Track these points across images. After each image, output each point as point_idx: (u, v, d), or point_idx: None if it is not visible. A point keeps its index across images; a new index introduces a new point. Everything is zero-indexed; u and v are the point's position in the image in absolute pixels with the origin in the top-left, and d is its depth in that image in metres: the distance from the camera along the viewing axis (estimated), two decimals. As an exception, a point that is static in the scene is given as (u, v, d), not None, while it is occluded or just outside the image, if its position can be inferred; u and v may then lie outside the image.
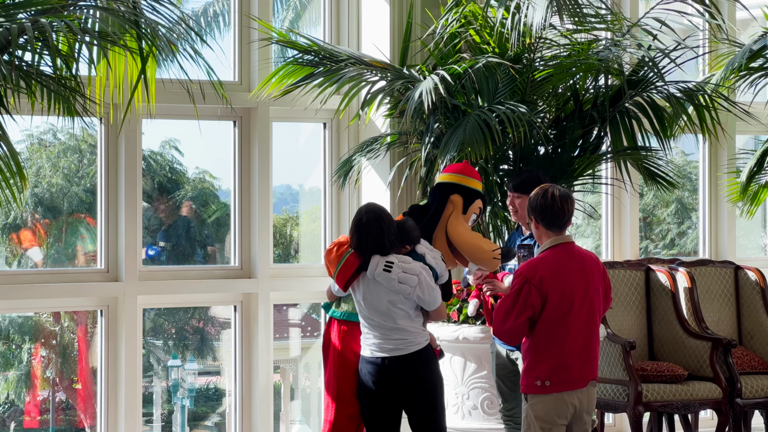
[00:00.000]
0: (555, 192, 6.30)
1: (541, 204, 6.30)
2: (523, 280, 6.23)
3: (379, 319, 6.67)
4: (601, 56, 8.10)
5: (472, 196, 7.21)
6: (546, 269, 6.23)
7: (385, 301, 6.64)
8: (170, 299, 8.81)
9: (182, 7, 6.94)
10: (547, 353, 6.25)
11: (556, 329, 6.23)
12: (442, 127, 8.13)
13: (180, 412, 9.21)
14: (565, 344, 6.23)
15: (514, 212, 7.28)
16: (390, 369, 6.68)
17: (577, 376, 6.27)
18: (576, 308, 6.24)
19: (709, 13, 8.46)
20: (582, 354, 6.28)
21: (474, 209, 7.20)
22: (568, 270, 6.26)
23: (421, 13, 8.84)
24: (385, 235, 6.63)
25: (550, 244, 6.32)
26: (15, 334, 8.72)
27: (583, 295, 6.26)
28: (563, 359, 6.23)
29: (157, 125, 8.58)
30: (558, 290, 6.21)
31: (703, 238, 10.58)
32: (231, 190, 8.91)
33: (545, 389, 6.23)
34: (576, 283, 6.25)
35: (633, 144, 8.46)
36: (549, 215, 6.29)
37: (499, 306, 6.35)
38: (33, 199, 8.57)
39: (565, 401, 6.26)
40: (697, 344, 8.77)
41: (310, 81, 8.17)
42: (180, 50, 6.32)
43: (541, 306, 6.23)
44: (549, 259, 6.27)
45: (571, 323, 6.23)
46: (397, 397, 6.73)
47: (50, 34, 5.78)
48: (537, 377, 6.26)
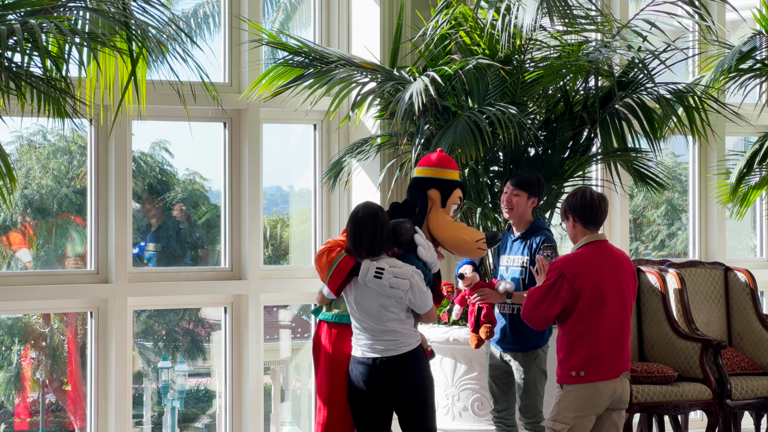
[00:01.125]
0: (593, 193, 6.61)
1: (580, 203, 6.58)
2: (558, 274, 6.50)
3: (371, 322, 6.66)
4: (591, 58, 8.11)
5: (450, 187, 7.18)
6: (580, 265, 6.51)
7: (376, 304, 6.63)
8: (160, 301, 8.80)
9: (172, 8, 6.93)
10: (582, 345, 6.51)
11: (590, 322, 6.49)
12: (432, 128, 8.13)
13: (170, 413, 9.20)
14: (598, 336, 6.49)
15: (509, 209, 7.26)
16: (381, 369, 6.68)
17: (609, 367, 6.53)
18: (609, 302, 6.51)
19: (698, 15, 8.47)
20: (615, 345, 6.54)
21: (453, 200, 7.17)
22: (601, 265, 6.54)
23: (411, 15, 8.84)
24: (378, 233, 6.63)
25: (585, 241, 6.61)
26: (4, 336, 8.70)
27: (615, 289, 6.54)
28: (597, 350, 6.49)
29: (147, 126, 8.57)
30: (591, 284, 6.48)
31: (692, 240, 10.59)
32: (221, 192, 8.90)
33: (580, 379, 6.50)
34: (609, 278, 6.53)
35: (623, 145, 8.47)
36: (588, 214, 6.58)
37: (532, 293, 6.58)
38: (23, 200, 8.55)
39: (599, 390, 6.52)
40: (687, 345, 8.77)
41: (300, 82, 8.16)
42: (170, 51, 6.32)
43: (573, 300, 6.49)
44: (584, 255, 6.56)
45: (604, 316, 6.50)
46: (387, 397, 6.73)
47: (40, 35, 5.78)
48: (572, 368, 6.51)
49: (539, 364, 7.20)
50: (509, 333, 7.23)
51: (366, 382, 6.72)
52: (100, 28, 6.31)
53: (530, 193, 7.23)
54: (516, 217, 7.27)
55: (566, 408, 6.54)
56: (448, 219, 7.14)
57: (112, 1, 6.37)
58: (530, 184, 7.23)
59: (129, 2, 6.43)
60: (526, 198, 7.24)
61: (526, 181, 7.23)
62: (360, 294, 6.66)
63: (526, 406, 7.22)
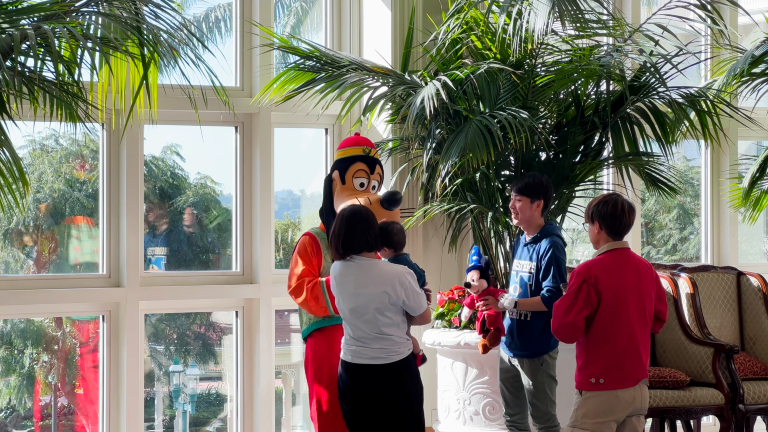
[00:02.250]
0: (624, 203, 6.59)
1: (611, 213, 6.57)
2: (581, 280, 6.49)
3: (366, 328, 6.61)
4: (603, 62, 8.10)
5: (346, 163, 7.25)
6: (601, 270, 6.51)
7: (372, 309, 6.58)
8: (172, 305, 8.81)
9: (184, 12, 6.95)
10: (602, 352, 6.50)
11: (610, 329, 6.49)
12: (443, 132, 8.13)
13: (182, 417, 9.20)
14: (618, 343, 6.49)
15: (515, 215, 7.26)
16: (369, 377, 6.62)
17: (630, 374, 6.53)
18: (629, 309, 6.50)
19: (711, 19, 8.45)
20: (635, 353, 6.54)
21: (352, 173, 7.20)
22: (622, 273, 6.54)
23: (422, 19, 8.85)
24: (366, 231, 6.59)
25: (607, 248, 6.61)
26: (17, 339, 8.72)
27: (636, 297, 6.54)
28: (617, 358, 6.49)
29: (158, 130, 8.59)
30: (612, 291, 6.48)
31: (705, 244, 10.57)
32: (233, 196, 8.91)
33: (599, 386, 6.50)
34: (630, 285, 6.53)
35: (635, 150, 8.45)
36: (617, 225, 6.58)
37: (558, 303, 6.56)
38: (35, 204, 8.57)
39: (618, 398, 6.52)
40: (700, 350, 8.76)
41: (311, 87, 8.17)
42: (182, 56, 6.33)
43: (597, 305, 6.49)
44: (605, 261, 6.56)
45: (624, 323, 6.50)
46: (375, 403, 6.66)
47: (52, 40, 5.79)
48: (591, 374, 6.51)
49: (547, 369, 7.18)
50: (516, 338, 7.22)
51: (354, 387, 6.67)
52: (113, 33, 6.32)
53: (533, 197, 7.20)
54: (524, 222, 7.25)
55: (585, 414, 6.53)
56: (346, 193, 7.16)
57: (124, 6, 6.38)
58: (531, 189, 7.20)
59: (141, 7, 6.44)
60: (529, 203, 7.20)
61: (527, 186, 7.21)
62: (355, 301, 6.62)
63: (537, 411, 7.21)
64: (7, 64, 5.92)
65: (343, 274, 6.66)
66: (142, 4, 6.43)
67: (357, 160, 7.25)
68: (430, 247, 8.91)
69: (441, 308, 8.33)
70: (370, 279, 6.58)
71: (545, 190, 7.23)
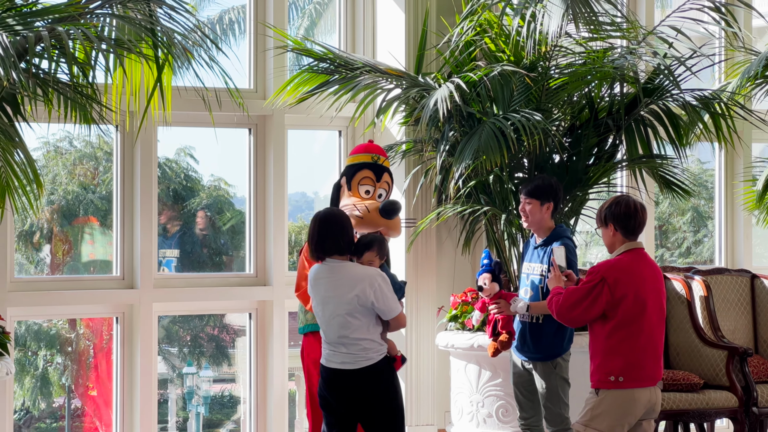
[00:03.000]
0: (636, 202, 6.58)
1: (624, 213, 6.55)
2: (599, 278, 6.47)
3: (335, 331, 6.54)
4: (617, 64, 8.08)
5: (352, 170, 7.25)
6: (622, 272, 6.48)
7: (342, 312, 6.51)
8: (185, 306, 8.82)
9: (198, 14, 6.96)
10: (622, 350, 6.48)
11: (631, 328, 6.47)
12: (457, 135, 8.13)
13: (195, 419, 9.22)
14: (639, 342, 6.48)
15: (525, 218, 7.24)
16: (339, 381, 6.55)
17: (649, 374, 6.53)
18: (649, 309, 6.50)
19: (725, 21, 8.44)
20: (654, 353, 6.55)
21: (358, 181, 7.19)
22: (642, 273, 6.53)
23: (436, 21, 8.85)
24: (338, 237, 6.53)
25: (624, 249, 6.58)
26: (31, 341, 8.73)
27: (654, 297, 6.55)
28: (636, 357, 6.48)
29: (171, 133, 8.59)
30: (633, 291, 6.46)
31: (719, 247, 10.55)
32: (246, 198, 8.92)
33: (618, 384, 6.47)
34: (649, 285, 6.54)
35: (648, 152, 8.44)
36: (632, 224, 6.56)
37: (569, 293, 6.54)
38: (49, 206, 8.59)
39: (635, 398, 6.49)
40: (713, 353, 8.74)
41: (325, 88, 8.18)
42: (196, 58, 6.33)
43: (613, 305, 6.47)
44: (625, 261, 6.53)
45: (645, 323, 6.49)
46: (349, 408, 6.59)
47: (67, 42, 5.80)
48: (610, 373, 6.48)
49: (560, 372, 7.16)
50: (529, 341, 7.20)
51: (328, 391, 6.60)
52: (127, 35, 6.34)
53: (542, 200, 7.17)
54: (534, 225, 7.23)
55: (600, 415, 6.49)
56: (350, 200, 7.16)
57: (138, 8, 6.39)
58: (541, 191, 7.17)
59: (155, 9, 6.44)
60: (539, 205, 7.17)
61: (536, 189, 7.18)
62: (326, 303, 6.57)
63: (551, 414, 7.20)
64: (21, 66, 5.93)
65: (317, 277, 6.62)
66: (156, 6, 6.44)
67: (365, 167, 7.24)
68: (444, 250, 8.91)
69: (454, 310, 8.32)
70: (340, 281, 6.52)
71: (555, 193, 7.21)
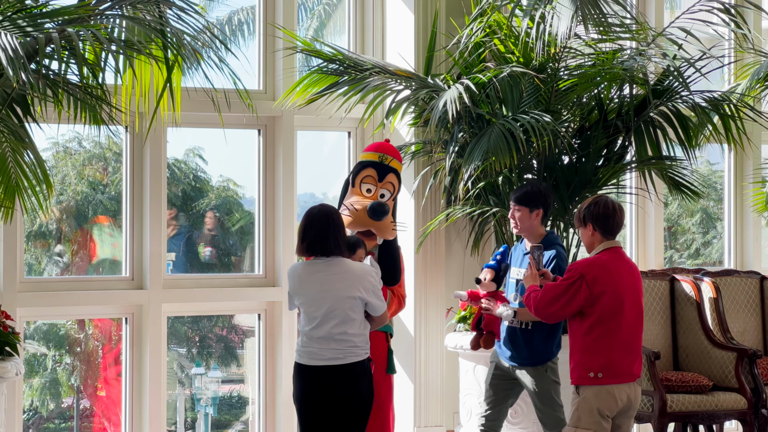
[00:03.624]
0: (615, 203, 6.67)
1: (603, 213, 6.64)
2: (578, 275, 6.55)
3: (334, 327, 6.45)
4: (626, 66, 8.08)
5: (357, 168, 7.28)
6: (600, 269, 6.57)
7: (345, 307, 6.43)
8: (194, 307, 8.82)
9: (207, 15, 6.96)
10: (601, 347, 6.56)
11: (609, 325, 6.55)
12: (466, 136, 8.13)
13: (203, 420, 9.22)
14: (616, 340, 6.56)
15: (515, 225, 7.21)
16: (330, 377, 6.46)
17: (626, 371, 6.61)
18: (627, 306, 6.59)
19: (734, 23, 8.43)
20: (632, 350, 6.63)
21: (361, 179, 7.19)
22: (620, 270, 6.62)
23: (445, 23, 8.84)
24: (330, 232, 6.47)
25: (603, 248, 6.67)
26: (40, 342, 8.74)
27: (632, 295, 6.63)
28: (615, 354, 6.56)
29: (180, 133, 8.60)
30: (611, 289, 6.55)
31: (728, 248, 10.54)
32: (255, 199, 8.92)
33: (597, 381, 6.56)
34: (627, 283, 6.62)
35: (658, 153, 8.44)
36: (610, 224, 6.65)
37: (547, 290, 6.60)
38: (58, 206, 8.60)
39: (613, 394, 6.57)
40: (722, 354, 8.73)
41: (334, 90, 8.19)
42: (205, 59, 6.34)
43: (591, 303, 6.54)
44: (603, 260, 6.62)
45: (623, 320, 6.58)
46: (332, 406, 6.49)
47: (77, 43, 5.81)
48: (589, 369, 6.56)
49: (551, 375, 7.13)
50: (519, 347, 7.14)
51: (313, 391, 6.50)
52: (136, 36, 6.34)
53: (531, 206, 7.13)
54: (524, 232, 7.19)
55: (585, 413, 6.57)
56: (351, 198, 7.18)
57: (148, 9, 6.40)
58: (529, 198, 7.13)
59: (165, 10, 6.45)
60: (528, 212, 7.14)
61: (525, 196, 7.15)
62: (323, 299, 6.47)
63: (548, 418, 7.13)
64: (31, 67, 5.95)
65: (308, 272, 6.52)
66: (165, 7, 6.45)
67: (369, 165, 7.25)
68: (452, 251, 8.91)
69: (463, 312, 8.32)
70: (341, 276, 6.46)
71: (544, 199, 7.16)
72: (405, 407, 8.89)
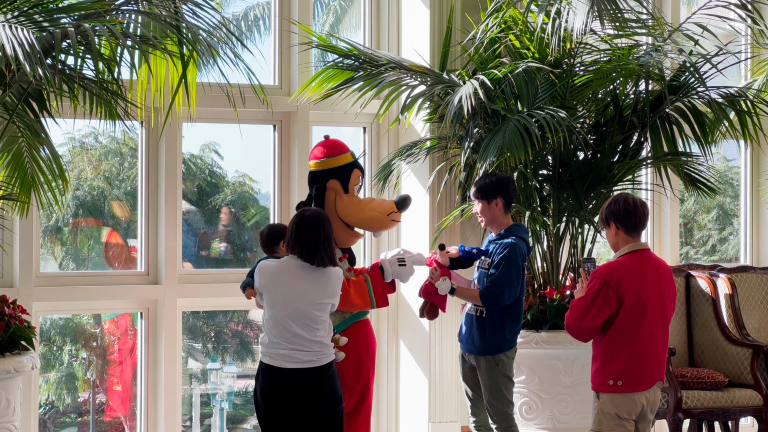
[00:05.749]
0: (635, 198, 6.51)
1: (624, 209, 6.49)
2: (602, 282, 6.41)
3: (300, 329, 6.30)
4: (642, 61, 8.07)
5: (347, 172, 7.06)
6: (623, 272, 6.41)
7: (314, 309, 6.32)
8: (210, 302, 8.84)
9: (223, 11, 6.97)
10: (621, 354, 6.43)
11: (630, 331, 6.42)
12: (481, 131, 8.13)
13: (219, 415, 9.24)
14: (637, 346, 6.42)
15: (480, 219, 7.22)
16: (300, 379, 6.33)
17: (647, 378, 6.48)
18: (650, 311, 6.43)
19: (751, 18, 8.41)
20: (654, 356, 6.49)
21: (354, 182, 7.07)
22: (644, 274, 6.45)
23: (461, 18, 8.84)
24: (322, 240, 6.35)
25: (627, 250, 6.51)
26: (56, 336, 8.77)
27: (656, 299, 6.46)
28: (635, 361, 6.43)
29: (196, 129, 8.62)
30: (634, 293, 6.40)
31: (744, 245, 10.52)
32: (270, 194, 8.93)
33: (617, 389, 6.44)
34: (651, 287, 6.45)
35: (673, 149, 8.42)
36: (632, 221, 6.48)
37: (575, 304, 6.47)
38: (74, 201, 8.62)
39: (634, 401, 6.47)
40: (738, 351, 8.71)
41: (350, 85, 8.19)
42: (220, 54, 6.34)
43: (617, 308, 6.41)
44: (627, 263, 6.46)
45: (645, 326, 6.43)
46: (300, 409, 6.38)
47: (93, 38, 5.82)
48: (609, 376, 6.45)
49: (503, 369, 7.11)
50: (473, 334, 7.17)
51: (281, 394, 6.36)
52: (152, 32, 6.35)
53: (488, 198, 7.14)
54: (489, 224, 7.20)
55: (606, 418, 6.48)
56: (354, 201, 7.04)
57: (163, 5, 6.40)
58: (483, 190, 7.14)
59: (180, 5, 6.46)
60: (486, 204, 7.15)
61: (479, 189, 7.16)
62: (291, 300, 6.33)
63: (495, 410, 7.13)
64: (47, 62, 5.96)
65: (282, 270, 6.38)
66: (181, 2, 6.46)
67: (353, 168, 7.13)
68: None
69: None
70: (315, 277, 6.33)
71: (499, 189, 7.14)
72: (419, 402, 8.90)
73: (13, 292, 7.79)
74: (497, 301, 7.00)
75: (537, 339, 7.91)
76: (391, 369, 9.13)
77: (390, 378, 9.13)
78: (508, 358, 7.12)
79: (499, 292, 6.99)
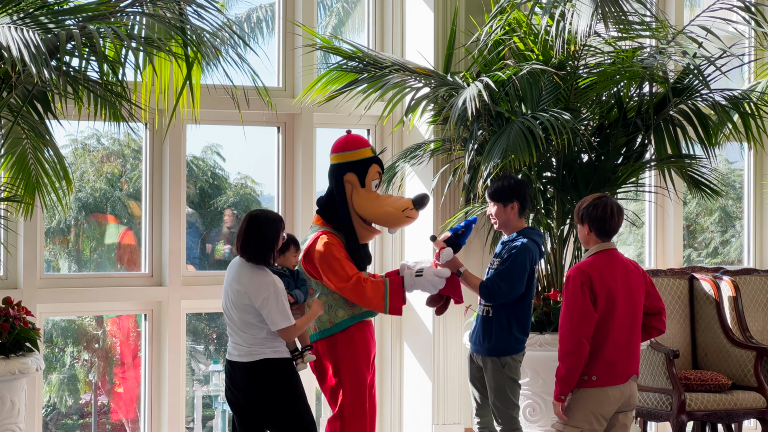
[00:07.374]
0: (614, 206, 6.63)
1: (600, 216, 6.62)
2: (577, 283, 6.51)
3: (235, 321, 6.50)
4: (646, 64, 8.07)
5: (365, 166, 7.11)
6: (593, 271, 6.55)
7: (241, 304, 6.45)
8: (213, 304, 8.82)
9: (226, 13, 6.96)
10: (594, 350, 6.52)
11: (602, 328, 6.52)
12: (485, 134, 8.13)
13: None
14: (610, 342, 6.53)
15: (493, 220, 7.22)
16: (234, 374, 6.51)
17: (620, 372, 6.57)
18: (619, 308, 6.53)
19: (754, 21, 8.41)
20: (625, 351, 6.58)
21: (372, 177, 7.10)
22: (613, 272, 6.57)
23: (465, 20, 8.84)
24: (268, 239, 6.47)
25: (596, 250, 6.65)
26: (58, 338, 8.77)
27: (625, 295, 6.57)
28: (608, 356, 6.53)
29: (199, 130, 8.62)
30: (604, 291, 6.52)
31: (747, 247, 10.52)
32: (274, 196, 8.93)
33: (592, 383, 6.54)
34: (620, 284, 6.56)
35: (677, 152, 8.42)
36: (606, 227, 6.63)
37: (562, 319, 6.51)
38: (77, 203, 8.62)
39: (608, 395, 6.56)
40: (741, 353, 8.71)
41: (354, 87, 8.19)
42: (224, 56, 6.35)
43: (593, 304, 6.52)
44: (595, 263, 6.59)
45: (616, 322, 6.54)
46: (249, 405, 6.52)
47: (97, 40, 5.82)
48: (584, 373, 6.53)
49: (509, 372, 7.09)
50: (479, 334, 7.16)
51: (228, 385, 6.56)
52: (156, 33, 6.36)
53: (504, 201, 7.12)
54: (503, 226, 7.20)
55: (575, 413, 6.56)
56: (371, 197, 7.07)
57: (168, 7, 6.41)
58: (500, 193, 7.13)
59: (185, 7, 6.46)
60: (502, 207, 7.15)
61: (496, 191, 7.15)
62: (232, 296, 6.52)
63: (500, 413, 7.12)
64: (52, 64, 5.96)
65: (229, 268, 6.62)
66: (185, 4, 6.47)
67: (372, 162, 7.16)
68: (471, 248, 8.90)
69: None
70: (254, 276, 6.45)
71: (517, 192, 7.14)
72: (423, 405, 8.89)
73: (18, 294, 7.78)
74: (494, 293, 7.00)
75: (541, 341, 7.90)
76: (395, 371, 9.13)
77: (393, 380, 9.13)
78: (515, 361, 7.11)
79: (498, 286, 6.99)
